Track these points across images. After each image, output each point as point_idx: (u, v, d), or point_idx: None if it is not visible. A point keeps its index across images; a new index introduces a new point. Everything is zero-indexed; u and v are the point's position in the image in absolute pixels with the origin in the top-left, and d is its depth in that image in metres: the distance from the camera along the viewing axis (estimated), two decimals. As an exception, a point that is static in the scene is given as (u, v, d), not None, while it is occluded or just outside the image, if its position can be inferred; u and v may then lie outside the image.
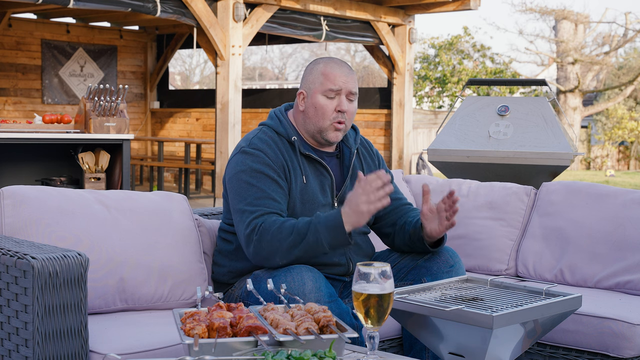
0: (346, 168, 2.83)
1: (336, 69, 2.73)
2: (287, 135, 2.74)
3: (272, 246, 2.51)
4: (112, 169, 6.21)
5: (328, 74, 2.72)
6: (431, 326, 2.20)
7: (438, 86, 21.23)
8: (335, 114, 2.71)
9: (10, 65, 12.12)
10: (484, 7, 59.18)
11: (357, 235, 2.81)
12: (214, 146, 11.74)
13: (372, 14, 10.89)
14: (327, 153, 2.82)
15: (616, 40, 21.85)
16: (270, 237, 2.51)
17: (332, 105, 2.71)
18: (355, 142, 2.89)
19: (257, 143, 2.70)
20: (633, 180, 16.34)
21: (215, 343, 1.90)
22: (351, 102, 2.75)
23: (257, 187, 2.61)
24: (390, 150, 11.87)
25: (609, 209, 3.27)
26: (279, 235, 2.51)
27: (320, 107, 2.71)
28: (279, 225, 2.52)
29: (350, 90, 2.73)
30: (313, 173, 2.75)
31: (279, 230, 2.51)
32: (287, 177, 2.68)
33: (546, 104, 5.97)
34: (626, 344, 2.71)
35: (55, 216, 2.57)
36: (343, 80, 2.71)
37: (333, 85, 2.70)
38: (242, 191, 2.63)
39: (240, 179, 2.65)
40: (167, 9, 8.71)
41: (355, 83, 2.75)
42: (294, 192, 2.69)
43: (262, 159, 2.66)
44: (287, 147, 2.73)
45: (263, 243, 2.52)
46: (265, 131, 2.76)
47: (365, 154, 2.94)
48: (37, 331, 2.14)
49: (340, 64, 2.77)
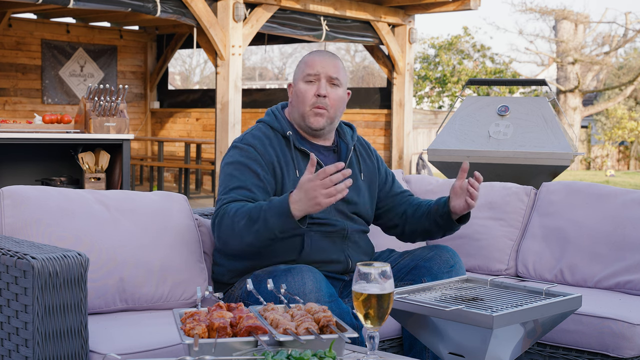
0: (342, 163, 2.84)
1: (315, 55, 2.79)
2: (282, 130, 2.78)
3: (228, 230, 2.53)
4: (112, 169, 6.20)
5: (307, 61, 2.78)
6: (431, 326, 2.20)
7: (438, 86, 21.23)
8: (315, 99, 2.74)
9: (10, 65, 12.12)
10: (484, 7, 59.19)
11: (356, 233, 2.82)
12: (214, 146, 11.74)
13: (372, 14, 10.89)
14: (324, 147, 2.84)
15: (616, 40, 21.85)
16: (227, 222, 2.53)
17: (311, 90, 2.75)
18: (352, 139, 2.91)
19: (249, 139, 2.75)
20: (633, 180, 16.34)
21: (215, 343, 1.90)
22: (334, 87, 2.77)
23: (236, 177, 2.66)
24: (390, 150, 11.87)
25: (609, 209, 3.27)
26: (234, 219, 2.52)
27: (301, 93, 2.76)
28: (236, 210, 2.53)
29: (329, 74, 2.75)
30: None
31: (235, 215, 2.52)
32: (277, 173, 2.71)
33: (546, 104, 5.97)
34: (626, 344, 2.71)
35: (55, 216, 2.57)
36: (321, 65, 2.75)
37: (311, 70, 2.75)
38: (224, 181, 2.68)
39: (225, 172, 2.71)
40: (167, 9, 8.70)
41: (336, 69, 2.77)
42: (287, 186, 2.71)
43: (250, 153, 2.70)
44: (281, 142, 2.77)
45: (222, 227, 2.55)
46: (260, 127, 2.81)
47: (363, 151, 2.96)
48: (37, 331, 2.14)
49: (322, 52, 2.82)
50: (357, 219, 2.84)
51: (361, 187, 2.87)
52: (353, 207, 2.83)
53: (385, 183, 2.99)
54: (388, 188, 2.99)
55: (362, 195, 2.86)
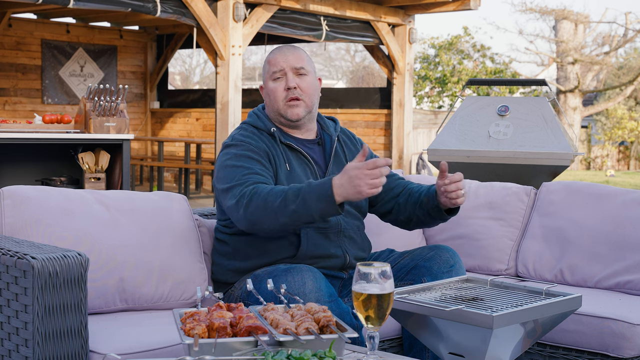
0: (328, 155, 2.87)
1: (276, 52, 2.83)
2: (266, 128, 2.81)
3: (261, 210, 2.51)
4: (112, 169, 6.20)
5: (270, 60, 2.83)
6: (431, 326, 2.20)
7: (438, 86, 21.23)
8: (285, 93, 2.78)
9: (10, 65, 12.12)
10: (484, 7, 59.19)
11: (351, 229, 2.82)
12: (214, 146, 11.74)
13: (372, 14, 10.89)
14: (308, 140, 2.87)
15: (616, 40, 21.85)
16: (260, 201, 2.51)
17: (280, 86, 2.80)
18: (335, 130, 2.95)
19: (238, 137, 2.77)
20: (633, 180, 16.34)
21: (215, 343, 1.90)
22: (301, 76, 2.80)
23: (243, 166, 2.65)
24: (390, 150, 11.87)
25: (609, 209, 3.27)
26: (268, 198, 2.50)
27: (272, 92, 2.81)
28: (270, 190, 2.53)
29: (292, 66, 2.79)
30: (296, 161, 2.80)
31: (268, 194, 2.51)
32: (272, 164, 2.73)
33: (546, 104, 5.97)
34: (626, 344, 2.71)
35: (55, 216, 2.57)
36: (284, 59, 2.80)
37: (275, 67, 2.80)
38: (229, 174, 2.65)
39: (226, 166, 2.69)
40: (167, 9, 8.70)
41: (298, 58, 2.80)
42: (280, 178, 2.72)
43: (245, 146, 2.72)
44: (268, 139, 2.79)
45: (251, 207, 2.52)
46: (245, 127, 2.84)
47: (347, 141, 2.98)
48: (37, 331, 2.14)
49: (282, 47, 2.85)
50: (351, 212, 2.83)
51: None
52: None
53: None
54: None
55: None
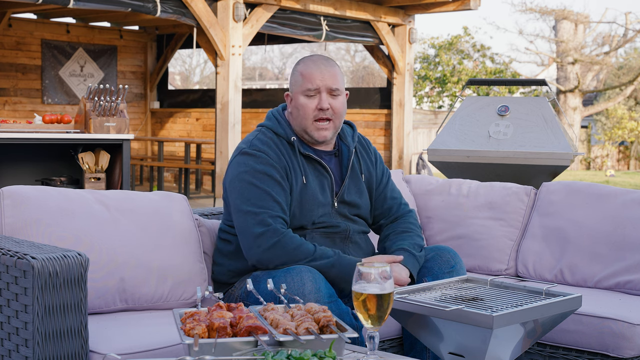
0: (345, 167, 2.83)
1: (312, 67, 2.74)
2: (287, 136, 2.75)
3: (279, 258, 2.57)
4: (112, 169, 6.20)
5: (305, 74, 2.73)
6: (431, 326, 2.20)
7: (438, 86, 21.23)
8: (317, 112, 2.72)
9: (10, 65, 12.12)
10: (484, 7, 59.20)
11: (357, 234, 2.82)
12: (214, 146, 11.74)
13: (372, 14, 10.89)
14: (325, 152, 2.83)
15: (616, 40, 21.85)
16: (283, 253, 2.57)
17: (312, 104, 2.72)
18: (353, 139, 2.89)
19: (257, 144, 2.71)
20: (633, 180, 16.33)
21: (215, 343, 1.90)
22: (335, 97, 2.74)
23: (261, 188, 2.62)
24: (390, 150, 11.87)
25: (609, 209, 3.27)
26: (296, 253, 2.57)
27: (302, 107, 2.73)
28: (298, 245, 2.58)
29: (329, 87, 2.72)
30: (313, 173, 2.75)
31: (296, 251, 2.57)
32: (289, 178, 2.69)
33: (546, 104, 5.97)
34: (626, 344, 2.71)
35: (55, 216, 2.57)
36: (320, 78, 2.71)
37: (310, 85, 2.71)
38: (246, 192, 2.64)
39: (243, 180, 2.65)
40: (167, 9, 8.71)
41: (335, 79, 2.74)
42: (294, 192, 2.69)
43: (264, 159, 2.67)
44: (287, 148, 2.74)
45: (270, 253, 2.57)
46: (264, 132, 2.77)
47: (363, 152, 2.94)
48: (37, 331, 2.14)
49: (318, 61, 2.76)
50: (358, 221, 2.84)
51: (362, 189, 2.86)
52: (355, 209, 2.83)
53: (380, 183, 2.96)
54: (382, 188, 2.95)
55: (363, 197, 2.86)
